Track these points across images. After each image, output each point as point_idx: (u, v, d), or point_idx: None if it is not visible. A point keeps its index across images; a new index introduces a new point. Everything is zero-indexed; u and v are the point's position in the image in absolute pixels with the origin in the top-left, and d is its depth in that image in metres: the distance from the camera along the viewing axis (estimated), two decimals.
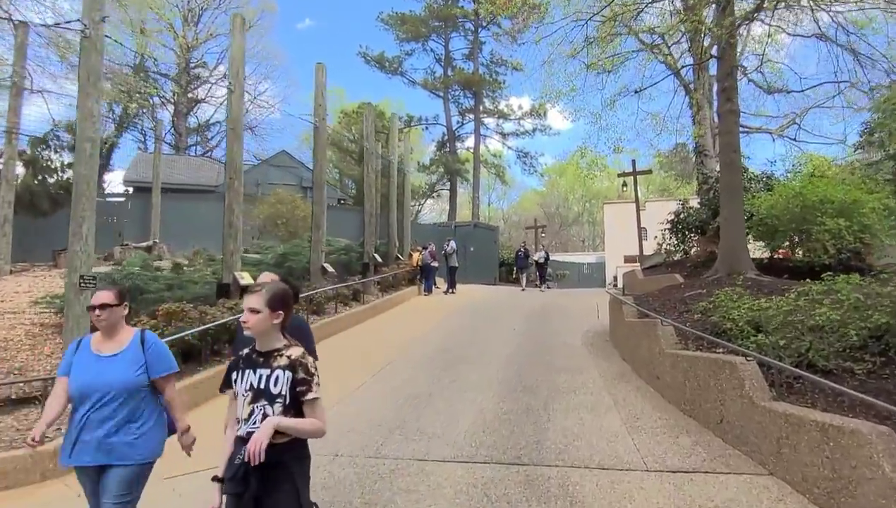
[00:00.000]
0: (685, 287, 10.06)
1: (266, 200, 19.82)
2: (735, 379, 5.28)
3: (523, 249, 22.23)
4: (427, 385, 7.53)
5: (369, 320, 12.81)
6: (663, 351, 6.88)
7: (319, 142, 12.13)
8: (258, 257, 13.38)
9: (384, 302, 14.62)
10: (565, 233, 70.75)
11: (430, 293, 18.64)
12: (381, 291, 15.94)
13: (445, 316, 13.36)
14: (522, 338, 10.58)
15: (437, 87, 40.70)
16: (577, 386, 7.41)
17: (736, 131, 10.49)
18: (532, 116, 42.54)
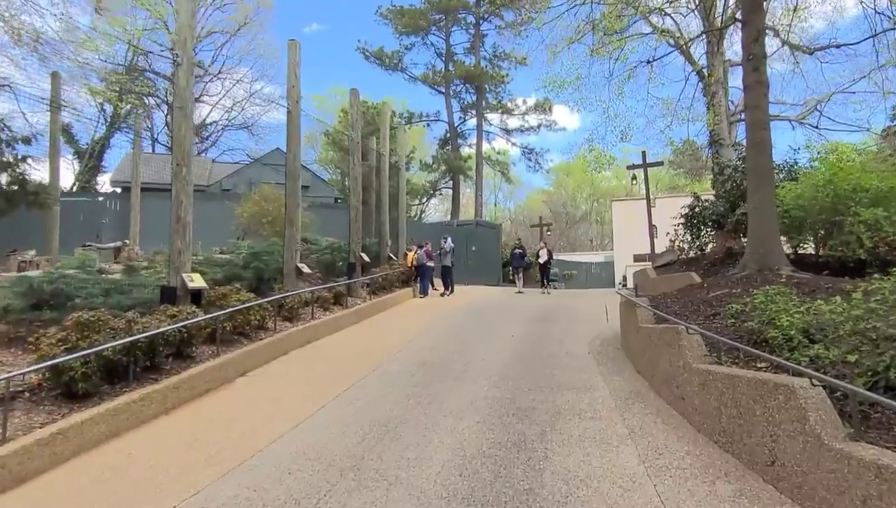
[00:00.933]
0: (708, 287, 8.67)
1: (251, 198, 18.57)
2: (793, 408, 3.92)
3: (519, 247, 19.87)
4: (400, 408, 6.20)
5: (351, 327, 11.49)
6: (689, 365, 5.52)
7: (292, 128, 10.85)
8: (228, 257, 12.11)
9: (371, 306, 13.31)
10: (573, 233, 69.22)
11: (426, 295, 17.31)
12: (370, 294, 14.65)
13: (436, 321, 12.03)
14: (520, 346, 9.23)
15: (438, 82, 39.41)
16: (582, 408, 6.06)
17: (765, 105, 9.11)
18: (537, 112, 41.14)
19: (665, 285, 16.91)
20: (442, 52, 40.42)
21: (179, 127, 8.04)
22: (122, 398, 5.96)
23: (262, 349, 8.54)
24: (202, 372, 7.10)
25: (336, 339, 10.33)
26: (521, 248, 19.62)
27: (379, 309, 13.63)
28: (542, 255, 19.29)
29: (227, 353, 7.89)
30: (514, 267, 19.66)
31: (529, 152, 42.21)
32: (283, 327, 9.79)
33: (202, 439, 5.44)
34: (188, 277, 7.97)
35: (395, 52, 39.74)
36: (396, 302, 15.26)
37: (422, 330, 10.92)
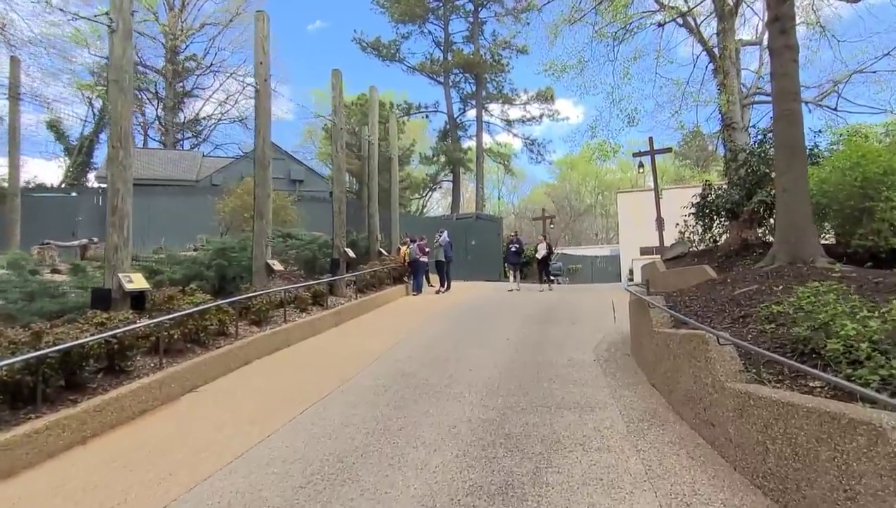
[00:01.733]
0: (731, 282, 7.48)
1: (234, 191, 17.47)
2: (881, 456, 2.78)
3: (515, 241, 17.81)
4: (364, 435, 5.07)
5: (329, 330, 10.38)
6: (721, 384, 4.36)
7: (261, 109, 9.71)
8: (195, 254, 11.00)
9: (356, 306, 12.19)
10: (577, 226, 67.92)
11: (420, 292, 16.19)
12: (357, 292, 13.54)
13: (426, 323, 10.90)
14: (516, 353, 8.08)
15: (436, 71, 38.20)
16: (587, 434, 4.92)
17: (794, 72, 7.90)
18: (539, 101, 39.92)
19: (677, 279, 15.72)
20: (440, 40, 39.23)
21: (116, 103, 6.91)
22: (21, 427, 4.86)
23: (219, 359, 7.43)
24: (136, 391, 5.99)
25: (310, 345, 9.21)
26: (516, 243, 17.66)
27: (365, 309, 12.51)
28: (541, 250, 17.61)
29: (174, 366, 6.78)
30: (508, 263, 18.07)
31: (532, 143, 41.06)
32: (249, 332, 8.67)
33: (103, 483, 4.32)
34: (126, 278, 6.85)
35: (391, 41, 38.58)
36: (386, 300, 14.14)
37: (408, 333, 9.78)
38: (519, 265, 17.81)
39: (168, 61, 38.54)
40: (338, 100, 12.93)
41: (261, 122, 9.69)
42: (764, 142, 15.47)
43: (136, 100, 42.25)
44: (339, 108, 12.89)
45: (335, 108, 12.92)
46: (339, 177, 13.00)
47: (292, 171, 29.97)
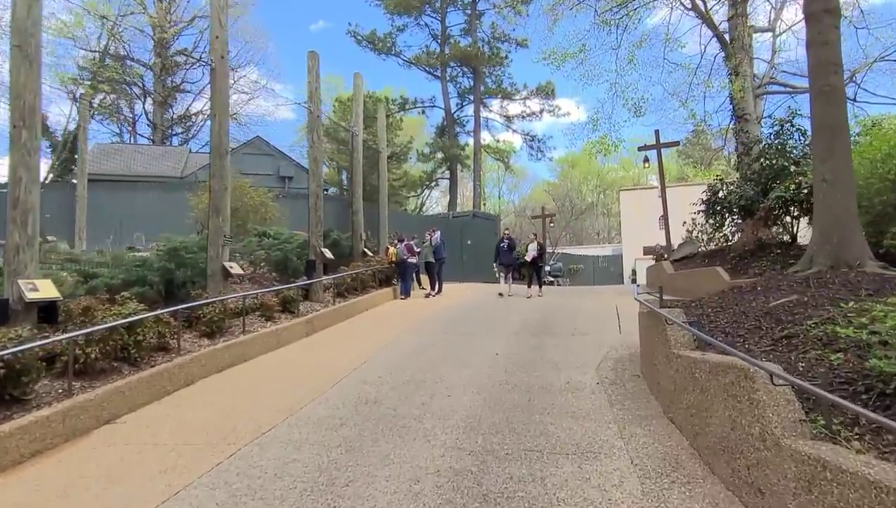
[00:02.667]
0: (761, 291, 6.25)
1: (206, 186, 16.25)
2: None
3: (506, 238, 15.54)
4: (295, 497, 3.86)
5: (297, 342, 9.19)
6: (776, 439, 3.15)
7: (217, 90, 8.50)
8: (146, 255, 9.80)
9: (332, 313, 10.99)
10: (579, 225, 66.66)
11: (408, 296, 14.99)
12: (337, 296, 12.35)
13: (407, 333, 9.69)
14: (505, 373, 6.87)
15: (433, 64, 36.96)
16: (589, 497, 3.71)
17: (835, 41, 6.69)
18: (539, 96, 38.69)
19: (687, 283, 14.49)
20: (437, 33, 38.02)
21: (18, 72, 5.70)
22: None
23: (151, 381, 6.22)
24: (27, 426, 4.79)
25: (270, 361, 8.01)
26: (508, 240, 15.40)
27: (342, 317, 11.31)
28: (532, 251, 15.21)
29: (88, 392, 5.58)
30: (499, 264, 15.83)
31: (531, 139, 39.83)
32: (197, 346, 7.47)
33: None
34: (28, 285, 5.64)
35: (386, 34, 37.37)
36: (369, 305, 12.94)
37: (383, 347, 8.57)
38: (512, 266, 15.75)
39: (157, 55, 37.35)
40: (314, 85, 11.72)
41: (217, 104, 8.48)
42: (782, 133, 14.27)
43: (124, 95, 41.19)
44: (315, 94, 11.68)
45: (311, 94, 11.71)
46: (315, 169, 11.78)
47: (281, 168, 28.78)
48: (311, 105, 11.69)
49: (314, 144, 11.73)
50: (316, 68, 11.70)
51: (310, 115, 11.77)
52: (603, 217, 73.74)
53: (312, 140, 11.73)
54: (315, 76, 11.69)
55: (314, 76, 11.70)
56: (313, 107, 11.66)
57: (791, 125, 14.12)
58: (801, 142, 14.01)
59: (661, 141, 18.46)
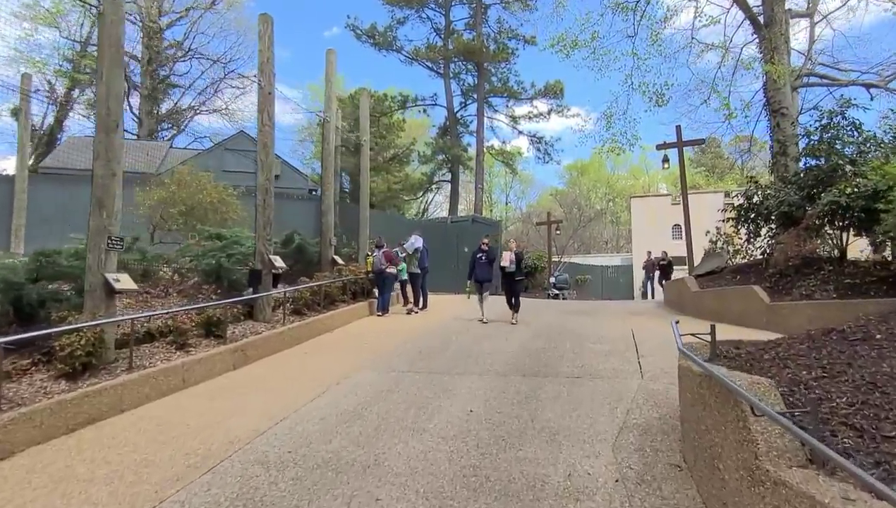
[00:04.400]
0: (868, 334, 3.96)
1: (160, 181, 14.14)
2: None
3: (484, 248, 11.81)
4: None
5: (213, 380, 6.96)
6: None
7: (105, 35, 6.33)
8: (11, 263, 7.58)
9: (278, 337, 8.77)
10: (587, 233, 64.21)
11: (385, 312, 12.77)
12: (293, 314, 10.17)
13: (362, 369, 7.42)
14: (475, 451, 4.57)
15: (434, 58, 34.80)
16: None
17: None
18: (547, 96, 36.42)
19: (715, 303, 12.10)
20: (440, 27, 35.88)
21: None
22: None
23: None
24: None
25: (154, 412, 5.77)
26: (486, 250, 11.78)
27: (292, 341, 9.08)
28: (506, 261, 11.47)
29: None
30: (474, 281, 11.84)
31: (538, 141, 37.52)
32: (43, 395, 5.26)
33: None
34: None
35: (387, 27, 35.24)
36: (332, 325, 10.72)
37: (322, 393, 6.32)
38: (491, 282, 12.06)
39: (145, 46, 35.44)
40: (265, 56, 9.53)
41: (105, 57, 6.29)
42: (830, 127, 11.98)
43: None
44: (266, 66, 9.50)
45: (261, 65, 9.53)
46: (265, 157, 9.58)
47: None
48: (260, 78, 9.51)
49: (264, 128, 9.54)
50: (268, 34, 9.52)
51: (260, 91, 9.59)
52: (611, 225, 71.42)
53: (262, 121, 9.53)
54: (266, 44, 9.51)
55: (266, 44, 9.51)
56: (264, 81, 9.47)
57: (843, 118, 11.83)
58: (855, 138, 11.72)
59: (683, 139, 16.14)
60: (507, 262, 11.47)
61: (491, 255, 11.72)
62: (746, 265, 13.64)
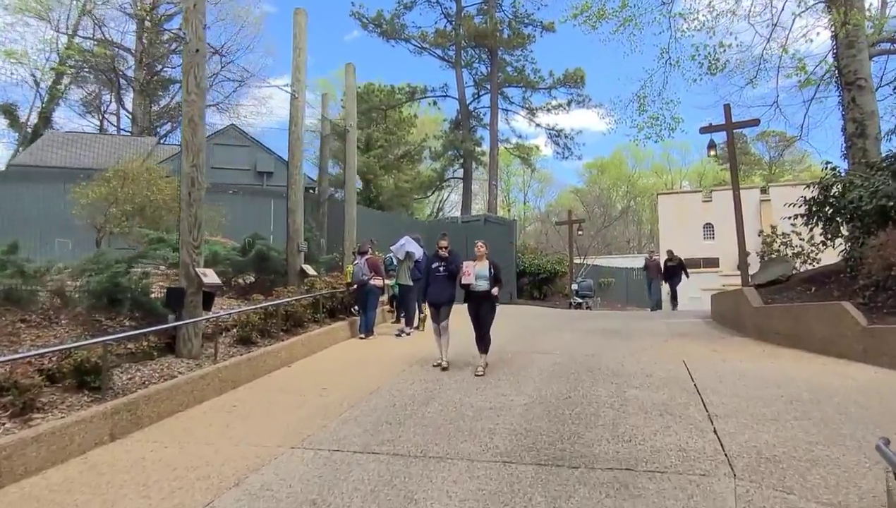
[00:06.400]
0: None
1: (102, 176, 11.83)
2: None
3: (444, 257, 8.20)
4: None
5: (45, 472, 4.51)
6: None
7: None
8: None
9: (199, 381, 6.33)
10: (609, 233, 61.15)
11: (370, 333, 10.33)
12: (240, 343, 7.78)
13: (289, 452, 4.89)
14: None
15: (443, 43, 32.27)
16: None
17: None
18: (566, 85, 33.75)
19: (787, 322, 9.03)
20: (450, 13, 33.35)
21: None
22: None
23: None
24: None
25: None
26: (445, 258, 8.21)
27: (223, 386, 6.62)
28: (469, 275, 7.52)
29: None
30: (429, 304, 8.52)
31: (557, 135, 34.85)
32: None
33: None
34: None
35: (393, 14, 32.82)
36: (294, 355, 8.28)
37: (207, 505, 3.85)
38: (451, 305, 8.19)
39: (137, 38, 33.47)
40: (191, 2, 7.12)
41: None
42: None
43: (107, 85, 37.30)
44: (192, 14, 7.08)
45: (187, 14, 7.11)
46: (191, 136, 7.12)
47: (259, 162, 24.42)
48: (187, 31, 7.10)
49: (189, 97, 7.10)
50: None
51: (185, 48, 7.16)
52: (633, 225, 68.35)
53: (188, 88, 7.10)
54: None
55: None
56: (190, 35, 7.05)
57: None
58: None
59: (732, 120, 13.38)
60: (469, 277, 7.48)
61: (453, 265, 7.99)
62: (821, 273, 10.90)
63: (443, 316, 8.03)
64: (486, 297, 7.56)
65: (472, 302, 7.73)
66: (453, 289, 8.10)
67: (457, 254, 8.57)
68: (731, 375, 7.02)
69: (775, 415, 5.40)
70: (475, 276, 7.52)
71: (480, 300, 7.59)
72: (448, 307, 8.09)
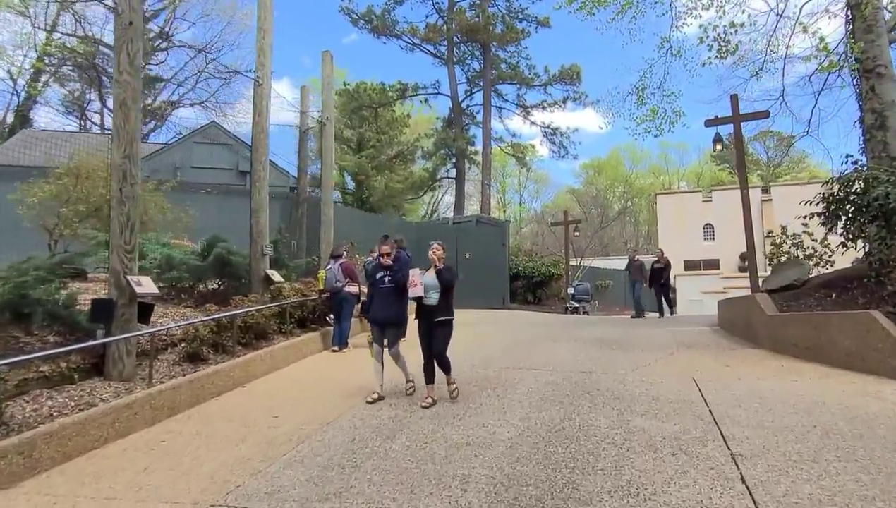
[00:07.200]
0: None
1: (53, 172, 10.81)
2: None
3: (387, 264, 6.54)
4: None
5: None
6: None
7: None
8: None
9: (123, 411, 5.35)
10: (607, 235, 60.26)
11: (344, 346, 9.34)
12: (188, 360, 6.79)
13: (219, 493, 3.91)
14: None
15: (434, 38, 31.29)
16: None
17: None
18: (562, 82, 32.77)
19: (805, 333, 7.74)
20: (442, 7, 32.35)
21: None
22: None
23: None
24: None
25: None
26: (389, 266, 6.59)
27: (156, 414, 5.62)
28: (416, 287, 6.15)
29: None
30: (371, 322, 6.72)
31: (553, 133, 33.85)
32: None
33: None
34: None
35: (384, 9, 31.83)
36: (252, 373, 7.28)
37: None
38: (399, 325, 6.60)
39: None
40: None
41: None
42: None
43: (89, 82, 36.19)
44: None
45: None
46: (122, 122, 6.13)
47: (242, 162, 23.34)
48: (119, 2, 6.09)
49: (122, 77, 6.10)
50: None
51: (117, 21, 6.16)
52: (631, 225, 67.53)
53: (120, 67, 6.10)
54: None
55: None
56: (122, 6, 6.05)
57: None
58: None
59: (740, 112, 12.41)
60: (417, 288, 6.11)
61: (400, 275, 6.37)
62: (841, 277, 9.94)
63: (390, 339, 6.40)
64: (433, 312, 6.11)
65: (423, 318, 6.20)
66: (402, 305, 6.46)
67: (405, 260, 7.34)
68: (751, 398, 6.04)
69: (813, 455, 4.42)
70: (425, 287, 6.12)
71: (432, 314, 6.10)
72: (396, 328, 6.48)
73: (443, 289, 6.08)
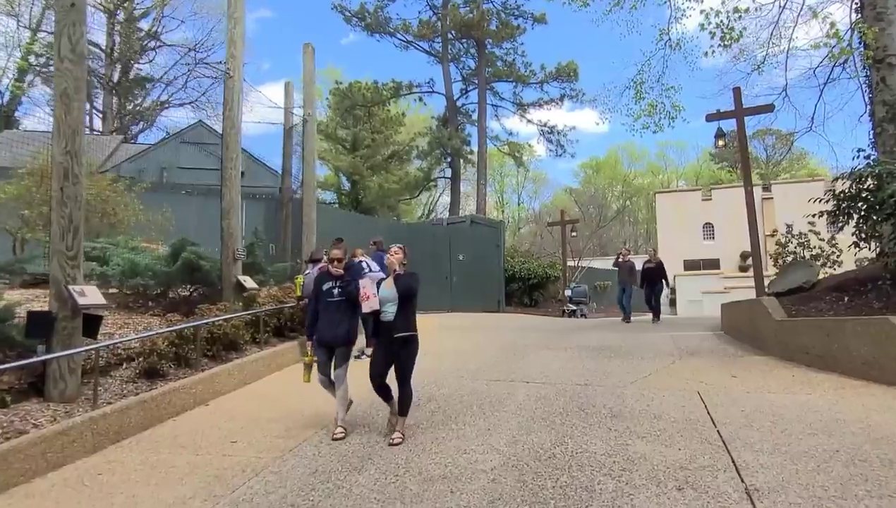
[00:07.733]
0: None
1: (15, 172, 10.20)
2: None
3: (337, 272, 5.43)
4: None
5: None
6: None
7: None
8: None
9: (56, 438, 4.77)
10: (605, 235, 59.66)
11: None
12: (145, 376, 6.19)
13: None
14: None
15: (428, 35, 30.71)
16: None
17: None
18: (559, 80, 32.20)
19: (819, 340, 7.00)
20: (436, 3, 31.75)
21: None
22: None
23: None
24: None
25: None
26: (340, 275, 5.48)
27: (98, 441, 5.02)
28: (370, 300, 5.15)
29: None
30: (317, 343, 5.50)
31: (550, 132, 33.26)
32: None
33: None
34: None
35: (377, 6, 31.24)
36: (217, 389, 6.69)
37: None
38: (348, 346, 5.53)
39: (108, 34, 31.77)
40: None
41: None
42: None
43: None
44: None
45: None
46: (63, 113, 5.51)
47: None
48: None
49: (63, 65, 5.48)
50: None
51: (58, 3, 5.56)
52: (629, 225, 67.01)
53: (61, 54, 5.49)
54: None
55: None
56: None
57: None
58: None
59: (743, 105, 11.82)
60: (371, 301, 5.15)
61: (353, 286, 5.33)
62: (853, 279, 9.34)
63: (338, 361, 5.35)
64: (391, 330, 5.01)
65: (383, 338, 5.14)
66: (352, 321, 5.48)
67: (358, 268, 6.55)
68: (763, 416, 5.45)
69: (839, 489, 3.82)
70: (380, 300, 5.11)
71: (392, 331, 5.02)
72: (345, 348, 5.42)
73: (400, 300, 5.01)
